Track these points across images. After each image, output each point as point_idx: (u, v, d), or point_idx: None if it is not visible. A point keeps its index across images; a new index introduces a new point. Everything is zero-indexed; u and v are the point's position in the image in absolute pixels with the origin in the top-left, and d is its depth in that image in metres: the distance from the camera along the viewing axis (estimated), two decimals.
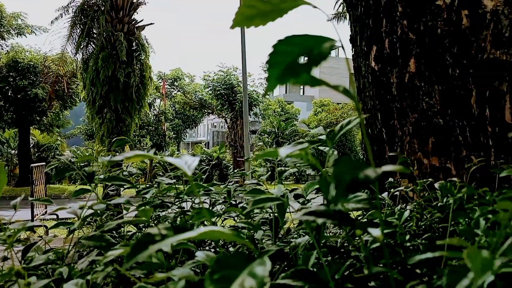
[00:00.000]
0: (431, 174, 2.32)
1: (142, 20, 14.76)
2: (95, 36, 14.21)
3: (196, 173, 1.61)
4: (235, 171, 1.96)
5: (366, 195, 0.75)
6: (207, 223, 1.41)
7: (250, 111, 24.80)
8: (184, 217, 1.29)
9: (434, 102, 2.32)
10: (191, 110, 28.61)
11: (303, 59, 0.56)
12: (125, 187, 1.44)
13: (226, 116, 25.81)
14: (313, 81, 0.55)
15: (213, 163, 23.54)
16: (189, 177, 0.57)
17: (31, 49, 22.03)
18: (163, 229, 0.55)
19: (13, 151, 24.73)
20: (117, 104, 13.47)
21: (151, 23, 15.06)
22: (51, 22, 15.63)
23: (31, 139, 23.61)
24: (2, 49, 21.21)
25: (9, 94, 20.38)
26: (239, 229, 1.15)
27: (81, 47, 14.30)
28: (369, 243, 0.84)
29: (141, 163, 23.10)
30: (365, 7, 2.67)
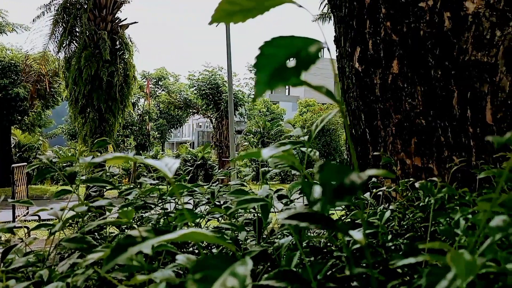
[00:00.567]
0: (414, 174, 2.34)
1: (126, 18, 14.62)
2: (78, 34, 14.01)
3: (179, 174, 1.60)
4: (219, 171, 1.95)
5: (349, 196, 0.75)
6: (191, 224, 1.40)
7: (235, 111, 24.78)
8: (167, 219, 1.28)
9: (416, 103, 2.34)
10: (176, 109, 28.47)
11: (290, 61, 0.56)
12: (107, 188, 1.42)
13: (211, 116, 25.74)
14: (297, 82, 0.55)
15: (198, 163, 23.45)
16: (170, 179, 0.57)
17: (12, 47, 21.61)
18: (143, 231, 0.54)
19: None
20: (100, 103, 13.30)
21: (135, 22, 14.93)
22: (33, 20, 15.36)
23: (12, 139, 23.17)
24: None
25: None
26: (222, 230, 1.15)
27: (64, 45, 14.08)
28: (351, 243, 0.85)
29: (125, 163, 22.87)
30: (349, 8, 2.69)
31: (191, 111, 28.13)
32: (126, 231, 1.37)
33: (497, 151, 2.05)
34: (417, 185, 1.19)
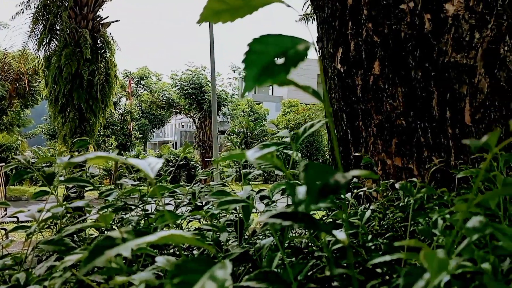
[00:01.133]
0: (394, 174, 2.37)
1: (107, 16, 14.43)
2: (58, 32, 13.76)
3: (161, 175, 1.59)
4: (201, 171, 1.94)
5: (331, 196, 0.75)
6: (171, 225, 1.38)
7: (218, 111, 24.71)
8: (147, 220, 1.27)
9: (397, 104, 2.37)
10: (158, 109, 28.24)
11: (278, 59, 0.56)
12: (88, 188, 1.40)
13: (194, 116, 25.62)
14: (285, 81, 0.56)
15: (181, 163, 23.30)
16: (152, 180, 0.56)
17: None
18: (123, 233, 0.53)
19: None
20: (81, 102, 13.09)
21: (117, 20, 14.74)
22: (12, 17, 15.06)
23: None
24: None
25: None
26: (204, 231, 1.14)
27: (44, 43, 13.81)
28: (331, 243, 0.85)
29: (106, 163, 22.63)
30: (331, 9, 2.70)
31: (173, 111, 27.95)
32: (105, 232, 1.35)
33: (476, 152, 2.09)
34: (397, 186, 1.20)
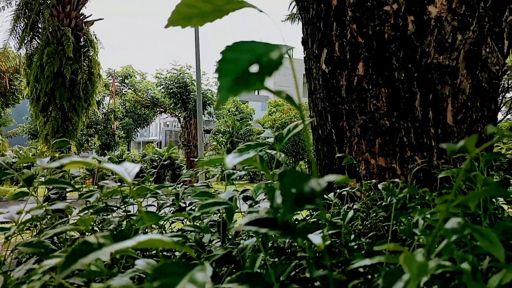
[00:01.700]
0: (378, 174, 2.39)
1: (91, 15, 14.25)
2: (40, 30, 13.55)
3: (143, 176, 1.57)
4: (186, 171, 1.92)
5: None
6: (153, 227, 1.37)
7: (204, 110, 24.63)
8: (129, 221, 1.26)
9: (381, 104, 2.39)
10: (143, 108, 28.02)
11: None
12: (68, 189, 1.38)
13: (179, 115, 25.50)
14: (260, 87, 0.55)
15: (166, 163, 23.15)
16: (129, 184, 0.55)
17: None
18: (101, 237, 0.52)
19: None
20: (63, 101, 12.90)
21: (101, 18, 14.57)
22: None
23: None
24: None
25: None
26: (186, 232, 1.13)
27: (25, 41, 13.58)
28: (313, 245, 0.85)
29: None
30: (316, 10, 2.71)
31: (158, 110, 27.78)
32: (87, 234, 1.33)
33: (457, 152, 2.12)
34: (380, 186, 1.21)
